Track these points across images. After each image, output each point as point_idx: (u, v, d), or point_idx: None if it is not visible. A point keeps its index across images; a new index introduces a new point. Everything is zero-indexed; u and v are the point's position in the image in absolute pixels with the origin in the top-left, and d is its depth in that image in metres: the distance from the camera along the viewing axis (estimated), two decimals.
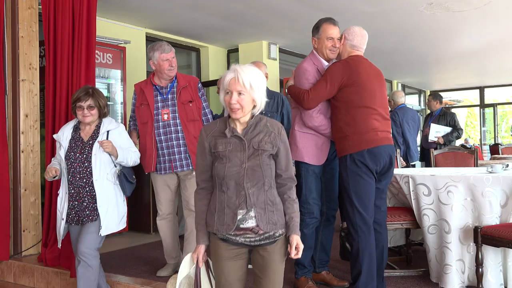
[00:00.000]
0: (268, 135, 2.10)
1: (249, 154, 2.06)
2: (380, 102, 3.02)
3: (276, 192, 2.11)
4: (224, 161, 2.05)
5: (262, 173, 2.04)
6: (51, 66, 3.99)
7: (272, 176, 2.09)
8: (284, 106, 3.92)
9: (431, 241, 3.35)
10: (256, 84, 2.05)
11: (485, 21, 6.60)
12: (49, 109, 3.98)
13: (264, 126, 2.13)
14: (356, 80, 2.95)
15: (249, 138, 2.09)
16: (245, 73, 2.03)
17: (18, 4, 4.09)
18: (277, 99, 3.90)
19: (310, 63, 3.21)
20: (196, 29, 6.63)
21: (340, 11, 5.77)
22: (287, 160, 2.14)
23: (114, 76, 5.50)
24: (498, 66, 10.64)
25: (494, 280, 3.11)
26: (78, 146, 3.04)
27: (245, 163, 2.04)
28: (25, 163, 4.11)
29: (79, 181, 2.99)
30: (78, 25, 3.89)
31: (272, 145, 2.09)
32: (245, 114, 2.08)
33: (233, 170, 2.03)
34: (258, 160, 2.05)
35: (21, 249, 4.10)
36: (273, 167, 2.10)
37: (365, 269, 2.94)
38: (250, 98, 2.05)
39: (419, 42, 7.87)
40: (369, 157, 2.92)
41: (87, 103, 3.00)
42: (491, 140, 14.01)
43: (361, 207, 2.95)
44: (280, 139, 2.12)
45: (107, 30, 5.71)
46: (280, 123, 2.19)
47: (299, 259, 3.26)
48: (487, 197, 3.14)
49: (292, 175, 2.16)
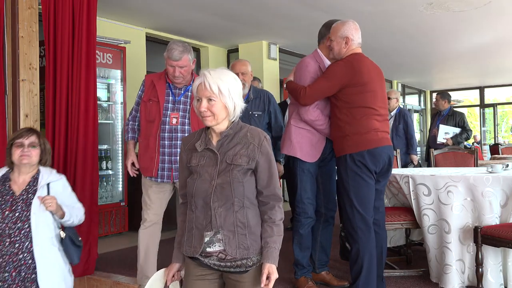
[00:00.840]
0: (245, 147, 1.88)
1: (220, 169, 1.86)
2: (380, 102, 3.01)
3: (253, 212, 1.88)
4: (195, 177, 1.89)
5: (231, 192, 1.83)
6: (51, 66, 3.99)
7: (246, 195, 1.86)
8: (271, 104, 3.87)
9: (431, 241, 3.35)
10: (226, 89, 1.86)
11: (485, 21, 6.60)
12: (49, 109, 3.98)
13: (243, 137, 1.91)
14: (359, 81, 2.93)
15: (224, 151, 1.89)
16: (213, 78, 1.85)
17: (18, 4, 4.08)
18: (263, 97, 3.87)
19: (313, 59, 3.23)
20: (196, 29, 6.63)
21: (340, 11, 5.77)
22: (269, 175, 1.90)
23: (114, 76, 5.50)
24: (498, 66, 10.64)
25: (494, 280, 3.11)
26: (6, 201, 2.42)
27: (214, 179, 1.84)
28: None
29: (8, 247, 2.36)
30: (78, 25, 3.89)
31: (248, 159, 1.86)
32: (219, 122, 1.89)
33: (202, 187, 1.85)
34: (229, 176, 1.83)
35: None
36: (249, 184, 1.87)
37: (365, 270, 2.93)
38: (222, 104, 1.86)
39: (419, 42, 7.87)
40: (369, 157, 2.90)
41: (30, 140, 2.51)
42: (491, 140, 14.01)
43: (361, 208, 2.93)
44: (261, 151, 1.88)
45: (107, 30, 5.71)
46: (264, 132, 1.97)
47: (297, 259, 3.27)
48: (487, 197, 3.14)
49: (276, 192, 1.91)
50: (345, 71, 2.95)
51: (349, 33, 3.02)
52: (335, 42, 3.05)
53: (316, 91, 3.01)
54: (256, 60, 7.29)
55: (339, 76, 2.95)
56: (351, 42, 3.02)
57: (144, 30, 6.48)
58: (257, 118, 3.75)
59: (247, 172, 1.88)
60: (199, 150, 1.92)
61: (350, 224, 2.97)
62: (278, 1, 5.45)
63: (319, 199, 3.30)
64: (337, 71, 2.97)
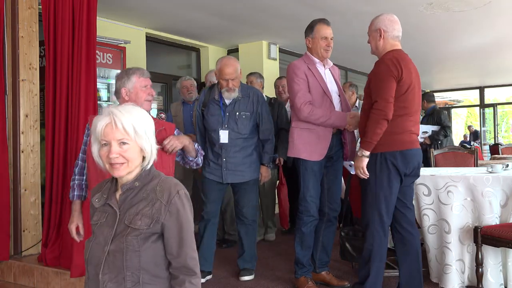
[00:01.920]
0: (150, 205, 1.53)
1: (117, 232, 1.52)
2: (417, 105, 2.94)
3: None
4: (91, 239, 1.58)
5: (123, 263, 1.48)
6: (51, 66, 3.99)
7: (144, 267, 1.50)
8: (259, 105, 3.58)
9: (431, 241, 3.35)
10: (142, 128, 1.54)
11: (485, 21, 6.60)
12: (49, 109, 3.98)
13: (151, 191, 1.55)
14: (405, 80, 2.81)
15: (126, 207, 1.55)
16: (124, 116, 1.51)
17: (18, 4, 4.08)
18: (252, 96, 3.58)
19: (302, 61, 3.29)
20: (196, 29, 6.62)
21: (340, 11, 5.77)
22: (179, 242, 1.52)
23: (114, 76, 5.50)
24: (498, 66, 10.64)
25: (494, 280, 3.11)
26: None
27: (108, 245, 1.51)
28: (25, 163, 4.11)
29: None
30: (78, 25, 3.89)
31: (151, 221, 1.51)
32: (133, 170, 1.56)
33: (95, 254, 1.53)
34: (123, 242, 1.49)
35: (21, 249, 4.10)
36: (150, 253, 1.51)
37: (374, 272, 2.88)
38: (137, 147, 1.54)
39: (419, 42, 7.86)
40: (401, 159, 2.82)
41: None
42: (491, 140, 14.01)
43: (383, 210, 2.85)
44: (169, 211, 1.52)
45: (107, 30, 5.71)
46: (180, 186, 1.59)
47: (298, 257, 3.27)
48: (487, 197, 3.14)
49: (187, 263, 1.52)
50: (393, 67, 2.79)
51: (381, 25, 2.93)
52: (371, 37, 2.99)
53: (390, 98, 2.76)
54: (256, 60, 7.29)
55: (392, 72, 2.78)
56: (385, 34, 2.92)
57: (144, 30, 6.47)
58: (244, 119, 3.53)
59: (149, 237, 1.51)
60: (96, 206, 1.59)
61: (368, 225, 2.90)
62: (278, 1, 5.44)
63: (323, 198, 3.30)
64: (388, 69, 2.80)
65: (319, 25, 3.25)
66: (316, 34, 3.24)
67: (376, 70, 2.89)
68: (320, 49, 3.23)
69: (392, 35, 2.93)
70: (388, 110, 2.74)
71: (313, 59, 3.28)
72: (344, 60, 8.92)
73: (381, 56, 2.93)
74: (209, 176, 3.59)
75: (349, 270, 3.79)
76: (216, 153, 3.56)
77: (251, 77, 5.01)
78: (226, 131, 3.49)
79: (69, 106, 3.90)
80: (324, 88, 3.23)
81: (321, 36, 3.23)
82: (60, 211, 3.91)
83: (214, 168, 3.57)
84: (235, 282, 3.60)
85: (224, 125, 3.50)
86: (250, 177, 3.59)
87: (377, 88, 2.80)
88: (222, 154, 3.52)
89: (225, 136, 3.50)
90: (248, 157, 3.57)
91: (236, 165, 3.53)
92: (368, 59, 3.21)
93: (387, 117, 2.74)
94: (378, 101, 2.76)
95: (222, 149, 3.52)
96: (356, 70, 10.13)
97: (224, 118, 3.51)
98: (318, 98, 3.20)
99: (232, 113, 3.52)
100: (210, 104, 3.58)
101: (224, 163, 3.53)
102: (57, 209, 3.92)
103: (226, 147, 3.51)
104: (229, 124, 3.51)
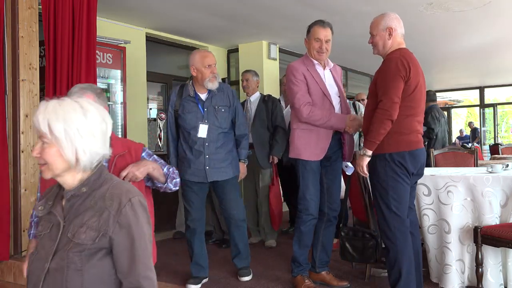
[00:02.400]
0: (98, 215, 1.29)
1: (59, 246, 1.30)
2: (423, 105, 2.93)
3: None
4: (34, 252, 1.36)
5: (62, 284, 1.26)
6: (51, 66, 3.99)
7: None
8: (235, 99, 3.56)
9: (431, 241, 3.35)
10: (62, 128, 1.28)
11: (485, 21, 6.60)
12: None
13: (99, 198, 1.32)
14: (413, 80, 2.79)
15: (71, 217, 1.32)
16: (41, 112, 1.30)
17: (18, 4, 4.08)
18: (226, 91, 3.53)
19: (300, 63, 3.28)
20: (196, 29, 6.62)
21: (340, 11, 5.77)
22: (131, 258, 1.29)
23: (114, 76, 5.50)
24: (498, 66, 10.64)
25: (494, 280, 3.11)
26: None
27: (48, 261, 1.30)
28: (25, 163, 4.11)
29: None
30: (78, 25, 3.89)
31: (97, 234, 1.28)
32: (59, 174, 1.32)
33: (35, 271, 1.32)
34: (65, 259, 1.27)
35: (21, 249, 4.10)
36: (97, 271, 1.29)
37: (405, 274, 2.80)
38: (56, 150, 1.29)
39: (419, 42, 7.86)
40: (410, 159, 2.80)
41: None
42: (491, 140, 14.01)
43: (398, 209, 2.81)
44: (118, 222, 1.29)
45: (107, 30, 5.71)
46: (134, 192, 1.36)
47: (295, 256, 3.25)
48: (487, 197, 3.14)
49: (141, 284, 1.30)
50: (402, 67, 2.75)
51: (391, 23, 2.89)
52: (378, 36, 2.90)
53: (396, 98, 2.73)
54: (256, 60, 7.29)
55: (400, 71, 2.74)
56: (395, 32, 2.88)
57: (144, 30, 6.47)
58: (224, 112, 3.45)
59: (94, 254, 1.29)
60: (40, 215, 1.37)
61: (387, 226, 2.84)
62: (278, 1, 5.44)
63: (323, 198, 3.30)
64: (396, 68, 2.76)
65: (315, 26, 3.27)
66: (311, 35, 3.27)
67: (384, 68, 2.84)
68: (313, 50, 3.25)
69: (400, 33, 2.92)
70: (393, 111, 2.71)
71: (311, 60, 3.28)
72: (344, 60, 8.92)
73: (389, 55, 2.87)
74: (191, 177, 3.42)
75: (349, 270, 3.80)
76: (196, 152, 3.40)
77: (247, 74, 5.00)
78: (206, 125, 3.39)
79: None
80: (324, 89, 3.23)
81: (314, 37, 3.24)
82: None
83: (196, 169, 3.41)
84: (235, 282, 3.60)
85: (204, 120, 3.40)
86: (233, 173, 3.51)
87: (384, 87, 2.76)
88: (204, 151, 3.39)
89: (204, 130, 3.38)
90: (229, 153, 3.49)
91: (220, 161, 3.42)
92: (368, 59, 3.22)
93: (392, 117, 2.71)
94: (383, 101, 2.73)
95: (204, 146, 3.39)
96: (356, 70, 10.13)
97: (203, 113, 3.41)
98: (317, 99, 3.20)
99: (211, 108, 3.44)
100: (184, 103, 3.46)
101: (207, 160, 3.39)
102: None
103: (208, 143, 3.39)
104: (209, 119, 3.41)
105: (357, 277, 3.60)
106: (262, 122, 4.75)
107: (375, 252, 3.18)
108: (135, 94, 6.05)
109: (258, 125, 4.73)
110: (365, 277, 3.53)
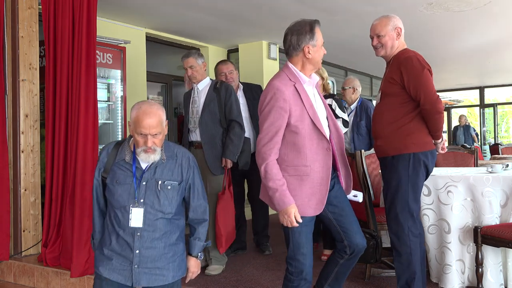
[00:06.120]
0: None
1: None
2: None
3: None
4: None
5: None
6: (51, 66, 4.00)
7: None
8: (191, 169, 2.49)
9: (431, 241, 3.35)
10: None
11: (485, 21, 6.61)
12: (49, 109, 3.98)
13: None
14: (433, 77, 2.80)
15: None
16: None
17: (18, 4, 4.09)
18: (181, 158, 2.43)
19: (285, 80, 2.48)
20: (196, 29, 6.62)
21: (340, 11, 5.78)
22: None
23: (114, 76, 5.50)
24: (498, 66, 10.64)
25: (494, 280, 3.12)
26: None
27: None
28: (25, 163, 4.12)
29: None
30: (78, 25, 3.89)
31: None
32: None
33: None
34: None
35: (21, 249, 4.10)
36: None
37: (419, 274, 2.79)
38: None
39: (418, 42, 7.86)
40: (431, 158, 2.80)
41: None
42: (491, 140, 14.02)
43: (415, 211, 2.80)
44: None
45: (107, 30, 5.71)
46: None
47: None
48: (487, 197, 3.14)
49: None
50: (424, 62, 2.75)
51: (399, 24, 2.90)
52: (387, 36, 2.87)
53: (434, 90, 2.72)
54: (256, 60, 7.29)
55: (425, 66, 2.75)
56: (402, 32, 2.92)
57: (144, 30, 6.48)
58: (170, 191, 2.36)
59: None
60: None
61: (401, 228, 2.80)
62: (278, 1, 5.44)
63: (338, 235, 2.62)
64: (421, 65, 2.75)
65: (319, 28, 2.92)
66: (319, 40, 2.84)
67: (408, 65, 2.75)
68: (320, 59, 2.77)
69: (403, 34, 2.94)
70: (438, 104, 2.68)
71: (301, 75, 2.53)
72: (344, 60, 8.92)
73: (399, 54, 2.85)
74: (110, 275, 2.32)
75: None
76: (123, 242, 2.31)
77: (188, 60, 3.84)
78: (141, 209, 2.29)
79: (69, 106, 3.90)
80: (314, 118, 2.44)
81: (322, 43, 2.87)
82: (60, 211, 3.92)
83: (119, 264, 2.32)
84: (235, 282, 3.60)
85: (139, 199, 2.30)
86: (172, 277, 2.38)
87: (416, 84, 2.70)
88: (134, 244, 2.29)
89: (138, 216, 2.29)
90: (171, 247, 2.37)
91: (154, 260, 2.33)
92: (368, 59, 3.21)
93: (441, 110, 2.70)
94: (425, 98, 2.67)
95: (135, 237, 2.29)
96: (356, 70, 10.13)
97: (137, 190, 2.30)
98: (305, 134, 2.41)
99: (151, 182, 2.33)
100: (115, 168, 2.35)
101: (135, 258, 2.30)
102: (57, 209, 3.92)
103: (141, 233, 2.30)
104: (146, 199, 2.30)
105: (357, 277, 3.60)
106: (213, 115, 3.76)
107: (375, 252, 3.16)
108: (135, 94, 6.05)
109: (208, 119, 3.75)
110: (365, 277, 3.53)
